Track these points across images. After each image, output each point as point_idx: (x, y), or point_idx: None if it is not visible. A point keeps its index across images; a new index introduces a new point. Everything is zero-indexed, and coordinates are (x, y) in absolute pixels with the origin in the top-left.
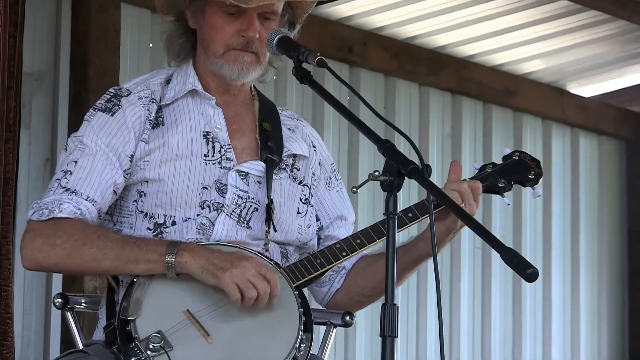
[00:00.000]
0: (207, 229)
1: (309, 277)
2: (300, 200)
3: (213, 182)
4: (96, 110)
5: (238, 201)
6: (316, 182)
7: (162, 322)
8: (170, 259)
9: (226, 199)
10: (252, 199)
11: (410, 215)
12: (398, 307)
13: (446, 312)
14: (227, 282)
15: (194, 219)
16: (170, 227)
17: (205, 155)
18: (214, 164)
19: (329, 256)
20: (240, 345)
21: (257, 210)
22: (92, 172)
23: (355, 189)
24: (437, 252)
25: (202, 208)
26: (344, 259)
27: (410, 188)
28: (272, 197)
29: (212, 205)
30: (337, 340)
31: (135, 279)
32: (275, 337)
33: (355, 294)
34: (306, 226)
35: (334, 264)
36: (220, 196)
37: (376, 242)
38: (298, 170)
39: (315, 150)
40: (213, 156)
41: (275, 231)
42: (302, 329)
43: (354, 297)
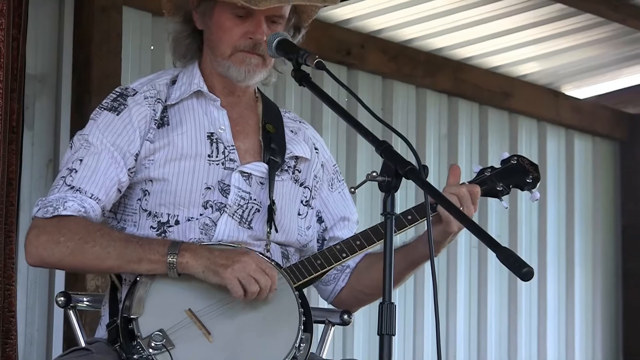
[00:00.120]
0: (210, 229)
1: (309, 277)
2: (301, 202)
3: (216, 183)
4: (102, 109)
5: (240, 202)
6: (319, 184)
7: (164, 321)
8: (172, 259)
9: (229, 199)
10: (255, 200)
11: (410, 217)
12: (395, 305)
13: (443, 310)
14: (229, 278)
15: (197, 219)
16: (173, 226)
17: (209, 156)
18: (217, 164)
19: (329, 257)
20: (241, 344)
21: (259, 211)
22: (97, 170)
23: (353, 190)
24: (436, 255)
25: (205, 208)
26: (343, 260)
27: (408, 188)
28: (274, 199)
29: (214, 205)
30: (335, 338)
31: (138, 278)
32: (275, 336)
33: (359, 292)
34: (306, 228)
35: (333, 265)
36: (223, 196)
37: (375, 244)
38: (300, 172)
39: (317, 153)
40: (217, 157)
41: (277, 232)
42: (302, 328)
43: (358, 296)
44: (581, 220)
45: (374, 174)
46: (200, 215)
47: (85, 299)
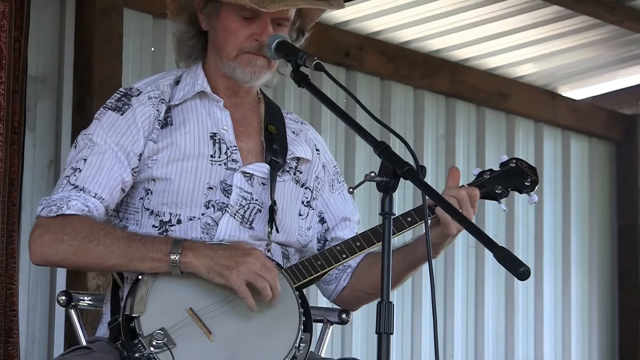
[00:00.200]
0: (211, 228)
1: (310, 278)
2: (302, 202)
3: (218, 183)
4: (106, 109)
5: (242, 202)
6: (320, 185)
7: (165, 320)
8: (175, 258)
9: (231, 199)
10: (256, 200)
11: (409, 219)
12: (393, 304)
13: (440, 309)
14: (235, 280)
15: (198, 219)
16: (175, 225)
17: (211, 156)
18: (220, 164)
19: (329, 258)
20: (242, 343)
21: (260, 212)
22: (101, 170)
23: (352, 190)
24: (434, 257)
25: (207, 208)
26: (343, 260)
27: (406, 189)
28: (275, 199)
29: (216, 205)
30: (334, 336)
31: (140, 276)
32: (275, 336)
33: (361, 291)
34: (306, 228)
35: (334, 266)
36: (225, 196)
37: (375, 245)
38: (301, 173)
39: (318, 154)
40: (219, 157)
41: (278, 232)
42: (302, 329)
43: (360, 295)
44: (577, 220)
45: (372, 174)
46: (202, 214)
47: (86, 298)
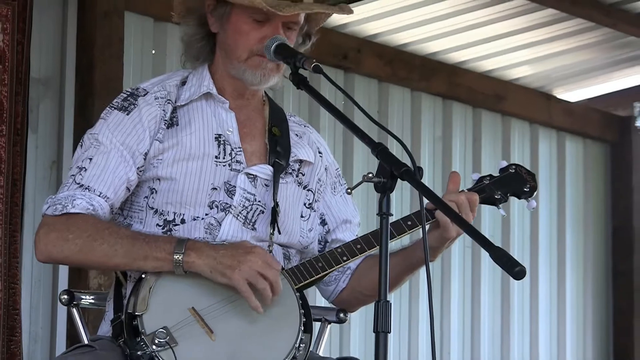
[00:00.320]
0: (214, 229)
1: (311, 279)
2: (304, 204)
3: (222, 184)
4: (112, 108)
5: (245, 203)
6: (322, 188)
7: (168, 318)
8: (178, 258)
9: (234, 200)
10: (259, 201)
11: (409, 223)
12: (391, 303)
13: (437, 309)
14: (238, 280)
15: (202, 219)
16: (179, 224)
17: (216, 157)
18: (224, 165)
19: (330, 260)
20: (243, 343)
21: (263, 213)
22: (106, 169)
23: (350, 190)
24: (433, 260)
25: (211, 208)
26: (344, 263)
27: (403, 190)
28: (277, 201)
29: (220, 205)
30: (332, 335)
31: (143, 275)
32: (276, 336)
33: (359, 293)
34: (308, 230)
35: (334, 268)
36: (229, 197)
37: (376, 248)
38: (303, 175)
39: (321, 157)
40: (224, 158)
41: (280, 234)
42: (302, 329)
43: (358, 296)
44: (572, 220)
45: (370, 175)
46: (206, 215)
47: (88, 297)
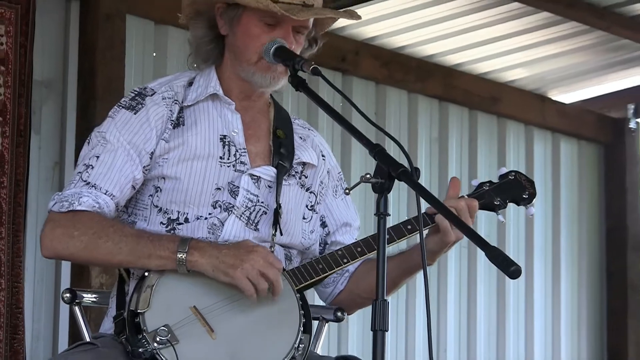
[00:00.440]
0: (217, 229)
1: (311, 281)
2: (306, 206)
3: (226, 184)
4: (120, 107)
5: (248, 204)
6: (324, 190)
7: (169, 317)
8: (181, 257)
9: (237, 200)
10: (262, 202)
11: (410, 227)
12: (388, 302)
13: (434, 308)
14: (240, 278)
15: (205, 218)
16: (183, 223)
17: (220, 158)
18: (228, 166)
19: (330, 262)
20: (243, 342)
21: (265, 214)
22: (113, 167)
23: (348, 191)
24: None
25: (214, 208)
26: (344, 265)
27: (400, 190)
28: (280, 202)
29: (223, 205)
30: (330, 333)
31: (146, 273)
32: (276, 336)
33: (357, 295)
34: (310, 231)
35: (335, 270)
36: (232, 197)
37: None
38: (306, 177)
39: (324, 160)
40: (228, 159)
41: (282, 235)
42: (302, 330)
43: (356, 299)
44: (567, 221)
45: (368, 175)
46: (209, 214)
47: (90, 296)
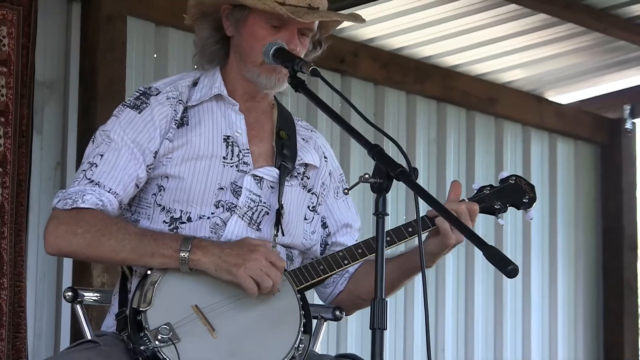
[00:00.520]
0: (220, 228)
1: (312, 281)
2: (308, 207)
3: (229, 184)
4: (125, 106)
5: (250, 204)
6: (325, 192)
7: (171, 315)
8: (184, 255)
9: (239, 201)
10: (264, 203)
11: (410, 229)
12: (387, 301)
13: (432, 306)
14: (243, 277)
15: (208, 218)
16: (186, 222)
17: (224, 158)
18: (231, 166)
19: (331, 263)
20: (243, 342)
21: (267, 214)
22: (117, 166)
23: (347, 190)
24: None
25: (217, 207)
26: (345, 266)
27: (398, 190)
28: (282, 203)
29: (225, 205)
30: (329, 332)
31: (149, 271)
32: (276, 336)
33: (356, 296)
34: (311, 232)
35: (336, 271)
36: (235, 197)
37: None
38: (308, 179)
39: (326, 161)
40: (231, 159)
41: (283, 235)
42: (302, 330)
43: (355, 300)
44: (563, 220)
45: (367, 175)
46: (212, 214)
47: (91, 294)
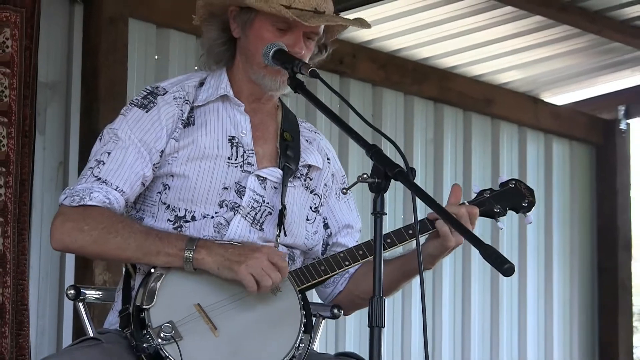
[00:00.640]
0: (223, 228)
1: (313, 282)
2: (310, 208)
3: (233, 184)
4: (132, 105)
5: (254, 204)
6: (327, 193)
7: (174, 313)
8: (189, 255)
9: (243, 200)
10: (267, 203)
11: (411, 231)
12: (385, 299)
13: (429, 305)
14: (244, 274)
15: (212, 217)
16: (190, 221)
17: (229, 158)
18: (236, 166)
19: (332, 264)
20: (245, 340)
21: (270, 214)
22: (124, 164)
23: (345, 190)
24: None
25: (221, 207)
26: (346, 267)
27: (396, 189)
28: (285, 203)
29: (229, 204)
30: (328, 329)
31: (152, 269)
32: (277, 336)
33: (356, 297)
34: (313, 232)
35: (336, 272)
36: (238, 197)
37: None
38: (311, 180)
39: (329, 163)
40: (236, 159)
41: (286, 235)
42: (303, 330)
43: (355, 300)
44: (559, 220)
45: (365, 175)
46: (216, 213)
47: (93, 292)
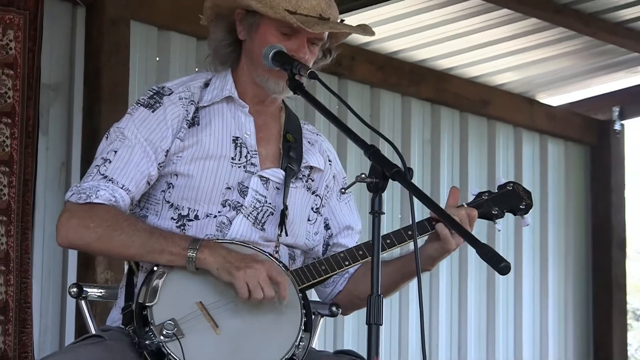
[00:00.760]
0: (225, 227)
1: (313, 281)
2: (312, 209)
3: (236, 184)
4: (139, 104)
5: (256, 204)
6: (329, 194)
7: (176, 311)
8: (192, 254)
9: (245, 200)
10: (270, 203)
11: (410, 233)
12: (383, 297)
13: (426, 303)
14: (239, 280)
15: (215, 216)
16: (193, 220)
17: (232, 158)
18: (239, 167)
19: (332, 264)
20: (246, 338)
21: (272, 215)
22: (130, 163)
23: (344, 190)
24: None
25: (224, 206)
26: (346, 267)
27: (394, 189)
28: (287, 204)
29: (232, 204)
30: (326, 327)
31: (155, 267)
32: (278, 334)
33: (355, 297)
34: (314, 233)
35: (337, 272)
36: (241, 197)
37: None
38: (313, 181)
39: (330, 165)
40: (239, 160)
41: (287, 235)
42: (303, 329)
43: (354, 300)
44: (554, 219)
45: (363, 175)
46: (219, 212)
47: (96, 290)
